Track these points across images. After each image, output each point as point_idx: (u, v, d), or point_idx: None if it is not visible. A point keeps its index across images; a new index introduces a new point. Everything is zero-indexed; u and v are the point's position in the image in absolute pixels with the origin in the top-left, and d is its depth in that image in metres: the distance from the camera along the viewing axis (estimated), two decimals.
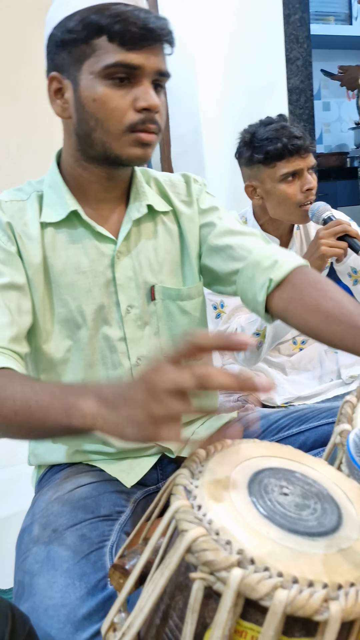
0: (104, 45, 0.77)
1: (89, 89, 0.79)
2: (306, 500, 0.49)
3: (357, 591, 0.41)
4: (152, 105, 0.79)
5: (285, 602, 0.39)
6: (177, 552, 0.43)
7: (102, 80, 0.78)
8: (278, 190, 1.32)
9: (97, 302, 0.88)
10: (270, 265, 0.86)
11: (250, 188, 1.38)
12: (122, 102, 0.79)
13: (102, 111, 0.79)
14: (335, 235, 1.23)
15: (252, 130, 1.34)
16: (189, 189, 0.98)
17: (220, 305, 1.38)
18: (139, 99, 0.79)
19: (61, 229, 0.87)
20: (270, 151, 1.29)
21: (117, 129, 0.79)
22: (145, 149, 0.81)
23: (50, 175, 0.90)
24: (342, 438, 0.60)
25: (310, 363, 1.47)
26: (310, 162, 1.33)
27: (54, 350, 0.88)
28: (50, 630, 0.62)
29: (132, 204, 0.91)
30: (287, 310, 0.84)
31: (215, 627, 0.41)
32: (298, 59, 2.52)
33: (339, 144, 4.23)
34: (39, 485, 0.93)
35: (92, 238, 0.88)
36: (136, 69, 0.78)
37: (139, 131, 0.80)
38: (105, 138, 0.81)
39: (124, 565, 0.56)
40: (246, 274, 0.90)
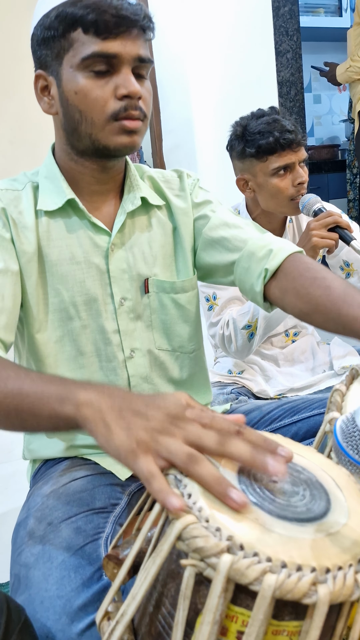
0: (80, 37, 0.78)
1: (71, 83, 0.80)
2: (295, 487, 0.49)
3: (344, 574, 0.42)
4: (132, 92, 0.79)
5: (274, 586, 0.40)
6: (168, 540, 0.44)
7: (81, 73, 0.79)
8: (270, 184, 1.33)
9: (90, 293, 0.88)
10: (265, 255, 0.88)
11: (242, 181, 1.38)
12: (102, 91, 0.79)
13: (84, 103, 0.80)
14: (326, 227, 1.23)
15: (244, 123, 1.34)
16: (182, 184, 0.98)
17: (212, 297, 1.38)
18: (119, 86, 0.79)
19: (56, 219, 0.88)
20: (262, 145, 1.29)
21: (100, 119, 0.80)
22: (131, 137, 0.82)
23: (47, 166, 0.90)
24: (331, 426, 0.61)
25: (303, 355, 1.47)
26: (302, 156, 1.33)
27: (47, 340, 0.88)
28: (47, 622, 0.63)
29: (127, 197, 0.92)
30: (282, 299, 0.86)
31: (207, 613, 0.42)
32: (288, 52, 2.52)
33: (331, 137, 4.24)
34: (34, 480, 0.94)
35: (86, 229, 0.88)
36: (114, 58, 0.78)
37: (122, 119, 0.80)
38: (90, 130, 0.81)
39: (117, 556, 0.56)
40: (242, 265, 0.91)
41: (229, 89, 2.51)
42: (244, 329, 1.29)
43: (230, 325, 1.32)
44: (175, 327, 0.96)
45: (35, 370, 0.88)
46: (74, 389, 0.56)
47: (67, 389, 0.57)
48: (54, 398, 0.57)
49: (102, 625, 0.52)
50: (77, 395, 0.55)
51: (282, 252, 0.87)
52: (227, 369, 1.45)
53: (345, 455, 0.45)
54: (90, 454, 0.92)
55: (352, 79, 2.64)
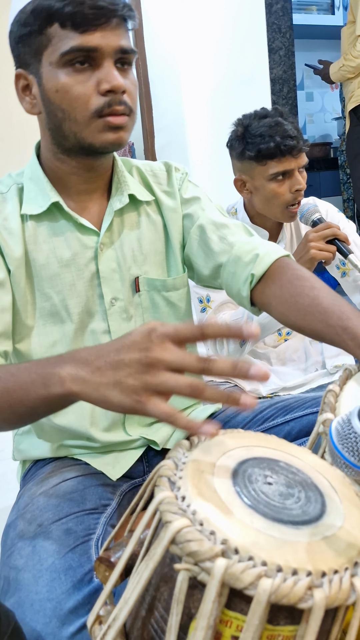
0: (58, 32, 0.75)
1: (51, 80, 0.77)
2: (290, 489, 0.49)
3: (340, 578, 0.42)
4: (116, 86, 0.76)
5: (270, 591, 0.39)
6: (161, 543, 0.43)
7: (62, 69, 0.76)
8: (267, 188, 1.32)
9: (81, 295, 0.87)
10: (252, 259, 0.87)
11: (239, 182, 1.37)
12: (84, 87, 0.76)
13: (66, 100, 0.77)
14: (324, 239, 1.22)
15: (246, 123, 1.32)
16: (170, 179, 0.97)
17: (206, 299, 1.37)
18: (102, 81, 0.76)
19: (42, 222, 0.86)
20: (262, 150, 1.27)
21: (84, 116, 0.77)
22: (117, 133, 0.79)
23: (30, 168, 0.88)
24: (325, 427, 0.60)
25: (295, 354, 1.47)
26: (302, 162, 1.32)
27: (37, 346, 0.87)
28: (36, 625, 0.62)
29: (114, 195, 0.90)
30: (269, 305, 0.85)
31: (201, 618, 0.41)
32: (281, 49, 2.52)
33: (323, 135, 4.24)
34: (24, 480, 0.92)
35: (74, 230, 0.87)
36: (94, 51, 0.75)
37: (106, 115, 0.77)
38: (75, 128, 0.79)
39: (109, 558, 0.56)
40: (229, 270, 0.90)
41: (221, 86, 2.50)
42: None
43: None
44: None
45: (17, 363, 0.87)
46: (52, 370, 0.58)
47: (46, 372, 0.58)
48: (38, 384, 0.58)
49: (93, 630, 0.52)
50: (58, 374, 0.57)
51: (269, 257, 0.86)
52: None
53: (341, 458, 0.45)
54: (81, 454, 0.91)
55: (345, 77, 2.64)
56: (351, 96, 2.67)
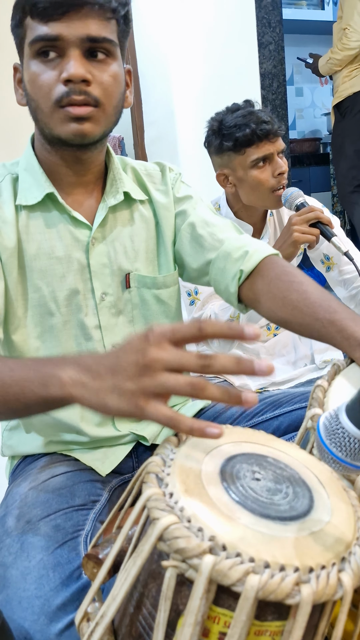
0: (30, 23, 0.76)
1: (26, 71, 0.79)
2: (278, 484, 0.49)
3: (328, 574, 0.42)
4: (72, 75, 0.74)
5: (257, 587, 0.39)
6: (149, 540, 0.43)
7: (33, 60, 0.77)
8: (250, 177, 1.32)
9: (71, 288, 0.87)
10: (241, 256, 0.87)
11: (222, 177, 1.37)
12: (48, 77, 0.76)
13: (34, 90, 0.78)
14: (307, 222, 1.23)
15: (220, 118, 1.33)
16: (165, 178, 0.97)
17: (194, 292, 1.37)
18: (63, 70, 0.75)
19: (36, 213, 0.86)
20: (239, 138, 1.28)
21: (47, 106, 0.77)
22: (80, 123, 0.77)
23: (26, 158, 0.88)
24: (313, 422, 0.61)
25: (285, 349, 1.47)
26: (280, 146, 1.32)
27: (27, 337, 0.86)
28: (24, 622, 0.61)
29: (109, 190, 0.90)
30: (257, 301, 0.85)
31: (188, 614, 0.41)
32: (270, 44, 2.51)
33: (312, 130, 4.25)
34: (13, 476, 0.92)
35: (67, 223, 0.86)
36: (57, 40, 0.75)
37: (66, 105, 0.76)
38: (43, 118, 0.79)
39: (97, 555, 0.55)
40: (218, 265, 0.90)
41: (211, 81, 2.49)
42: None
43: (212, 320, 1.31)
44: (157, 323, 0.95)
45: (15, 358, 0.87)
46: (53, 371, 0.57)
47: (46, 372, 0.57)
48: (36, 383, 0.57)
49: (81, 627, 0.52)
50: (59, 376, 0.56)
51: (258, 254, 0.86)
52: None
53: (329, 453, 0.45)
54: (70, 450, 0.90)
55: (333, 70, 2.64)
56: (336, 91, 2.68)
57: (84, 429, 0.88)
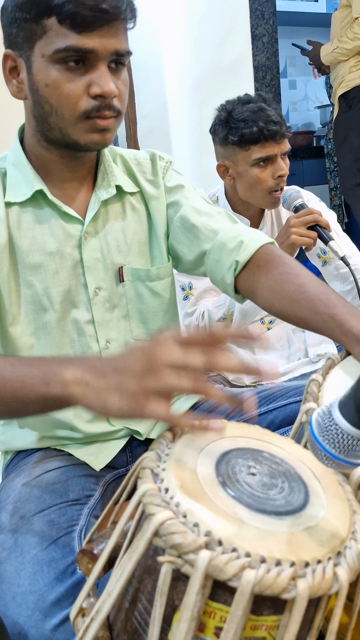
0: (54, 27, 0.72)
1: (42, 73, 0.75)
2: (274, 479, 0.49)
3: (324, 568, 0.42)
4: (107, 92, 0.74)
5: (253, 582, 0.39)
6: (145, 536, 0.43)
7: (54, 65, 0.74)
8: (250, 174, 1.31)
9: (64, 284, 0.86)
10: (236, 246, 0.86)
11: (222, 168, 1.36)
12: (75, 87, 0.74)
13: (55, 97, 0.75)
14: (306, 225, 1.22)
15: (230, 108, 1.31)
16: (155, 168, 0.96)
17: (188, 287, 1.37)
18: (94, 84, 0.74)
19: (27, 208, 0.84)
20: (245, 134, 1.27)
21: (72, 116, 0.76)
22: (103, 134, 0.78)
23: (14, 153, 0.87)
24: (308, 417, 0.60)
25: (279, 342, 1.47)
26: (285, 148, 1.32)
27: (21, 334, 0.86)
28: (19, 618, 0.61)
29: (100, 184, 0.89)
30: (254, 293, 0.85)
31: (184, 610, 0.41)
32: (264, 36, 2.49)
33: (306, 123, 4.24)
34: (6, 472, 0.92)
35: (58, 218, 0.85)
36: (90, 53, 0.73)
37: (94, 117, 0.76)
38: (61, 124, 0.77)
39: (92, 550, 0.55)
40: (213, 257, 0.90)
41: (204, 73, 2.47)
42: (220, 321, 1.28)
43: (206, 316, 1.31)
44: (153, 316, 0.94)
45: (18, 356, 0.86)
46: (56, 369, 0.56)
47: (49, 370, 0.57)
48: (38, 381, 0.57)
49: (76, 622, 0.51)
50: (62, 374, 0.55)
51: (253, 244, 0.86)
52: None
53: (322, 450, 0.45)
54: (64, 445, 0.90)
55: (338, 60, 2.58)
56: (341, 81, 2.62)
57: (78, 425, 0.87)
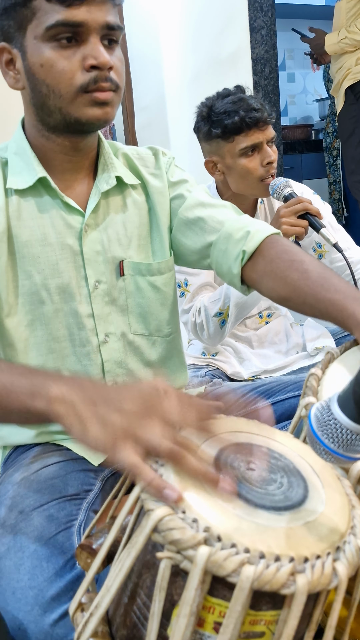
0: (43, 5, 0.73)
1: (35, 55, 0.76)
2: (272, 474, 0.49)
3: (323, 563, 0.42)
4: (102, 63, 0.75)
5: (253, 578, 0.39)
6: (144, 531, 0.43)
7: (46, 44, 0.75)
8: (239, 165, 1.30)
9: (63, 276, 0.86)
10: (243, 236, 0.87)
11: (210, 164, 1.35)
12: (69, 63, 0.75)
13: (50, 75, 0.75)
14: (296, 214, 1.21)
15: (209, 104, 1.31)
16: (158, 162, 0.96)
17: (184, 283, 1.36)
18: (87, 57, 0.75)
19: (27, 198, 0.84)
20: (227, 125, 1.26)
21: (69, 92, 0.76)
22: (104, 108, 0.78)
23: (16, 142, 0.86)
24: (307, 411, 0.60)
25: (277, 336, 1.47)
26: (270, 135, 1.30)
27: (17, 325, 0.85)
28: (18, 614, 0.61)
29: (101, 175, 0.88)
30: (259, 282, 0.85)
31: (183, 605, 0.41)
32: (262, 28, 2.48)
33: (304, 116, 4.22)
34: (5, 467, 0.91)
35: (59, 209, 0.85)
36: (80, 26, 0.74)
37: (92, 91, 0.76)
38: (60, 103, 0.77)
39: (91, 545, 0.55)
40: (219, 247, 0.90)
41: (202, 66, 2.46)
42: (216, 317, 1.28)
43: (202, 312, 1.30)
44: (152, 311, 0.94)
45: (4, 359, 0.85)
46: (45, 383, 0.54)
47: (38, 382, 0.55)
48: (24, 392, 0.55)
49: (75, 617, 0.51)
50: (49, 389, 0.53)
51: (260, 234, 0.86)
52: (201, 351, 1.44)
53: (321, 444, 0.44)
54: (62, 440, 0.90)
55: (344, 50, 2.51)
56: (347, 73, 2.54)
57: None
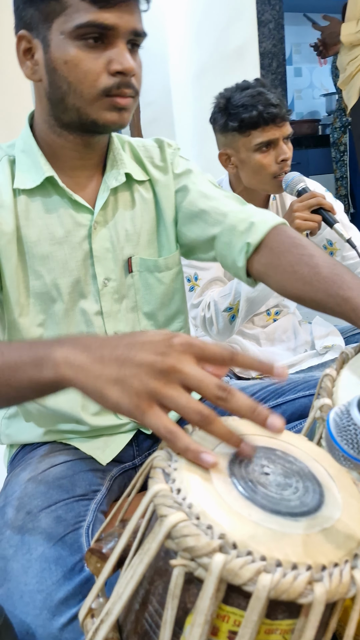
0: (74, 2, 0.72)
1: (60, 50, 0.74)
2: (287, 479, 0.47)
3: (340, 571, 0.41)
4: (128, 69, 0.74)
5: (269, 587, 0.38)
6: (157, 538, 0.41)
7: (73, 41, 0.73)
8: (253, 160, 1.29)
9: (73, 274, 0.85)
10: (247, 228, 0.85)
11: (224, 156, 1.34)
12: (95, 64, 0.74)
13: (74, 74, 0.74)
14: (309, 209, 1.20)
15: (228, 95, 1.30)
16: (163, 154, 0.94)
17: (194, 278, 1.35)
18: (114, 61, 0.74)
19: (35, 197, 0.83)
20: (245, 119, 1.25)
21: (90, 94, 0.75)
22: (121, 114, 0.77)
23: (23, 139, 0.85)
24: (322, 412, 0.59)
25: (285, 334, 1.46)
26: (287, 132, 1.30)
27: (29, 325, 0.84)
28: (26, 617, 0.60)
29: (110, 172, 0.87)
30: (266, 275, 0.84)
31: (197, 614, 0.40)
32: (270, 22, 2.45)
33: (311, 111, 4.19)
34: (12, 465, 0.91)
35: (68, 207, 0.84)
36: (110, 29, 0.73)
37: (114, 95, 0.75)
38: (79, 103, 0.76)
39: (100, 549, 0.54)
40: (223, 240, 0.88)
41: (209, 60, 2.44)
42: (225, 312, 1.27)
43: (212, 307, 1.29)
44: (161, 307, 0.93)
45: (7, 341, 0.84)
46: (47, 349, 0.52)
47: (40, 351, 0.53)
48: (29, 365, 0.53)
49: (85, 623, 0.50)
50: (52, 354, 0.51)
51: (264, 225, 0.84)
52: None
53: (340, 450, 0.43)
54: (70, 439, 0.89)
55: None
56: None
57: (84, 417, 0.86)
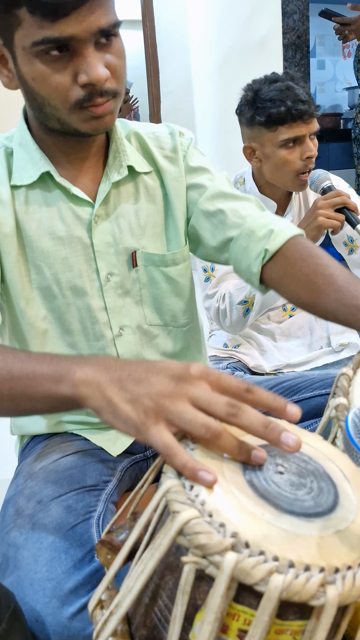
0: (27, 18, 0.65)
1: (26, 66, 0.70)
2: (302, 479, 0.47)
3: (354, 574, 0.40)
4: (95, 79, 0.68)
5: (281, 588, 0.38)
6: (168, 534, 0.41)
7: (36, 57, 0.68)
8: (277, 156, 1.28)
9: (74, 270, 0.83)
10: (265, 235, 0.83)
11: (249, 149, 1.33)
12: (62, 78, 0.69)
13: (44, 90, 0.70)
14: (333, 207, 1.19)
15: (256, 88, 1.28)
16: (175, 143, 0.91)
17: (210, 268, 1.35)
18: (80, 73, 0.68)
19: (34, 191, 0.81)
20: (272, 114, 1.23)
21: (64, 107, 0.71)
22: (101, 120, 0.73)
23: (19, 132, 0.83)
24: (337, 412, 0.58)
25: (300, 330, 1.45)
26: (314, 128, 1.28)
27: (35, 317, 0.84)
28: (36, 605, 0.61)
29: (111, 164, 0.85)
30: (280, 283, 0.82)
31: (208, 612, 0.40)
32: (295, 13, 2.41)
33: (333, 105, 4.14)
34: (22, 455, 0.91)
35: (67, 201, 0.82)
36: (70, 40, 0.66)
37: (88, 107, 0.71)
38: (57, 114, 0.73)
39: (111, 541, 0.54)
40: (240, 244, 0.86)
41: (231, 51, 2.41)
42: (240, 305, 1.26)
43: (226, 299, 1.28)
44: (167, 301, 0.92)
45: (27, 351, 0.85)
46: (68, 367, 0.53)
47: (61, 368, 0.53)
48: (48, 378, 0.53)
49: (95, 614, 0.50)
50: (73, 373, 0.52)
51: (284, 234, 0.83)
52: (223, 343, 1.43)
53: (358, 451, 0.43)
54: (80, 430, 0.89)
55: None
56: None
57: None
